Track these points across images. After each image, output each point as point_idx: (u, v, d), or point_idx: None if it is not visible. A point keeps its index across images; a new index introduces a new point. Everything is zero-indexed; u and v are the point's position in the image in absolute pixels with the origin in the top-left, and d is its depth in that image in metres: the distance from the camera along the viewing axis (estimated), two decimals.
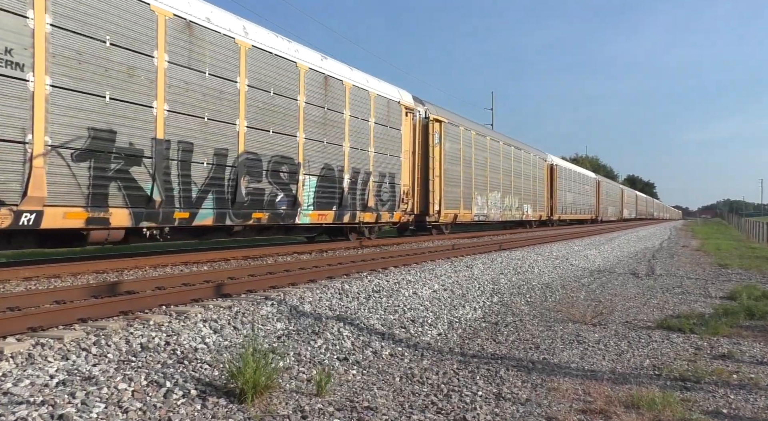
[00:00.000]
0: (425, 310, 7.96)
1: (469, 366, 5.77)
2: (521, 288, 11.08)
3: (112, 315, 5.66)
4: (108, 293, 6.61)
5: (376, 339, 6.34)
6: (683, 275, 14.67)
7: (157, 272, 9.08)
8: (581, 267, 15.73)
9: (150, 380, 4.07)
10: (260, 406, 4.13)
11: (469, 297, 9.31)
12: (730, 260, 18.56)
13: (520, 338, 7.11)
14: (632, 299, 10.60)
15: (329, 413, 4.20)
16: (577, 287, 12.04)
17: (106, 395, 3.75)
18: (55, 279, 8.12)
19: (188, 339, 5.06)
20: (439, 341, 6.85)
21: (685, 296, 11.08)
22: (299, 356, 5.30)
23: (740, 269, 16.06)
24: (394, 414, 4.29)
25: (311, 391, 4.57)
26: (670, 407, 4.50)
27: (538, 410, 4.54)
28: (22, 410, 3.37)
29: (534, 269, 13.29)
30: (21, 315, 5.01)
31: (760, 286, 11.99)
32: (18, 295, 6.06)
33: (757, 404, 4.85)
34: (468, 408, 4.51)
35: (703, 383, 5.35)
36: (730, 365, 6.02)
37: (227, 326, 5.59)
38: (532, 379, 5.38)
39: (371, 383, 5.04)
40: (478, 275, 10.91)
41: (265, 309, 6.24)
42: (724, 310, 8.97)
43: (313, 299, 7.00)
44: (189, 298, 6.56)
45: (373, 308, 7.36)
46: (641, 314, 9.05)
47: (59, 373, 3.94)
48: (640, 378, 5.49)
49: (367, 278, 8.66)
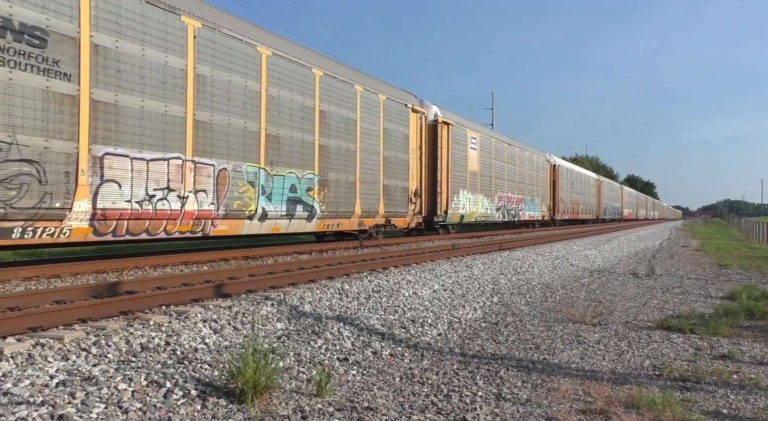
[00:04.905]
0: (425, 310, 7.96)
1: (469, 366, 5.77)
2: (521, 288, 11.08)
3: (112, 315, 5.66)
4: (108, 293, 6.61)
5: (376, 339, 6.34)
6: (683, 275, 14.67)
7: (157, 272, 9.08)
8: (581, 267, 15.73)
9: (150, 380, 4.07)
10: (260, 406, 4.13)
11: (469, 297, 9.31)
12: (730, 260, 18.55)
13: (520, 338, 7.11)
14: (632, 299, 10.60)
15: (329, 413, 4.19)
16: (577, 287, 12.03)
17: (106, 395, 3.75)
18: (55, 279, 8.12)
19: (188, 339, 5.06)
20: (439, 341, 6.85)
21: (685, 296, 11.07)
22: (299, 356, 5.30)
23: (740, 269, 16.06)
24: (394, 414, 4.29)
25: (311, 391, 4.57)
26: (671, 407, 4.49)
27: (538, 410, 4.54)
28: (22, 410, 3.36)
29: (534, 269, 13.29)
30: (21, 315, 5.01)
31: (760, 286, 11.98)
32: (18, 295, 6.06)
33: (758, 404, 4.85)
34: (468, 408, 4.50)
35: (703, 384, 5.35)
36: (730, 366, 6.01)
37: (227, 326, 5.59)
38: (532, 379, 5.37)
39: (371, 384, 5.04)
40: (478, 275, 10.91)
41: (265, 309, 6.24)
42: (724, 310, 8.96)
43: (313, 299, 7.00)
44: (189, 298, 6.56)
45: (373, 308, 7.36)
46: (641, 314, 9.05)
47: (59, 373, 3.94)
48: (640, 378, 5.49)
49: (367, 278, 8.66)
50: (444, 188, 18.97)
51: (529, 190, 29.19)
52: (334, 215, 13.13)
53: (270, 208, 11.08)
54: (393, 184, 15.70)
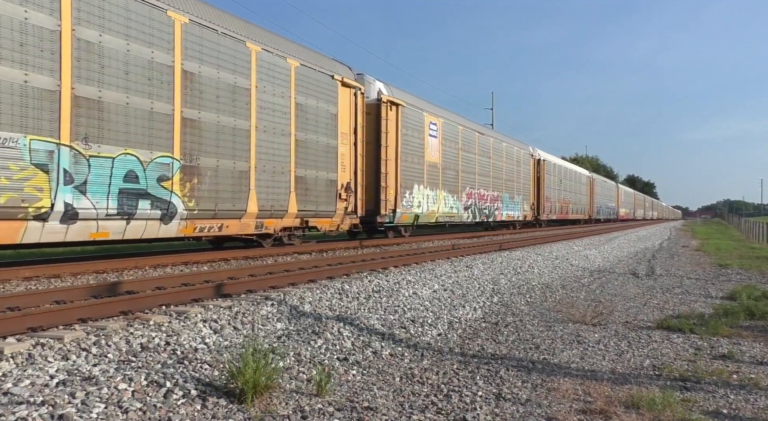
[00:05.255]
0: (425, 310, 7.96)
1: (469, 366, 5.77)
2: (521, 288, 11.08)
3: (112, 315, 5.66)
4: (108, 293, 6.61)
5: (376, 339, 6.34)
6: (683, 275, 14.67)
7: (157, 272, 9.08)
8: (581, 267, 15.73)
9: (150, 380, 4.07)
10: (260, 406, 4.13)
11: (469, 297, 9.31)
12: (730, 260, 18.55)
13: (520, 338, 7.11)
14: (632, 299, 10.60)
15: (329, 413, 4.19)
16: (577, 287, 12.04)
17: (106, 395, 3.75)
18: (55, 279, 8.12)
19: (188, 339, 5.06)
20: (439, 341, 6.85)
21: (685, 296, 11.07)
22: (299, 356, 5.30)
23: (740, 269, 16.06)
24: (394, 414, 4.29)
25: (311, 391, 4.57)
26: (671, 407, 4.50)
27: (538, 410, 4.54)
28: (22, 410, 3.37)
29: (534, 269, 13.29)
30: (21, 315, 5.01)
31: (760, 286, 11.98)
32: (18, 295, 6.06)
33: (758, 404, 4.85)
34: (468, 408, 4.51)
35: (703, 384, 5.35)
36: (730, 366, 6.01)
37: (227, 326, 5.59)
38: (532, 379, 5.38)
39: (371, 383, 5.04)
40: (478, 275, 10.91)
41: (265, 309, 6.24)
42: (724, 310, 8.97)
43: (313, 299, 7.00)
44: (189, 298, 6.56)
45: (373, 308, 7.36)
46: (641, 314, 9.05)
47: (59, 373, 3.94)
48: (640, 378, 5.49)
49: (367, 278, 8.66)
50: (390, 182, 15.85)
51: (508, 187, 26.36)
52: (211, 215, 10.04)
53: (84, 204, 7.91)
54: (312, 176, 12.46)
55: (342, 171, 13.57)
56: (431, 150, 18.50)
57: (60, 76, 7.61)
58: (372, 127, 15.26)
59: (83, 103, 7.92)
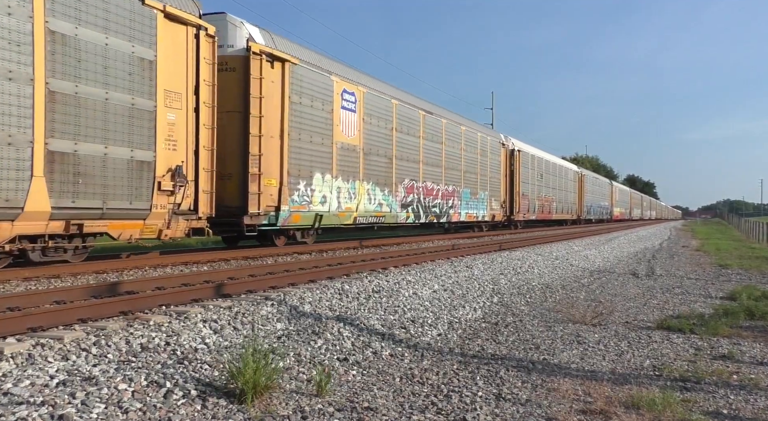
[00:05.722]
0: (425, 310, 7.96)
1: (469, 367, 5.77)
2: (521, 288, 11.08)
3: (112, 315, 5.66)
4: (108, 293, 6.61)
5: (376, 339, 6.34)
6: (683, 276, 14.67)
7: (157, 272, 9.08)
8: (581, 267, 15.73)
9: (150, 380, 4.07)
10: (260, 406, 4.13)
11: (469, 297, 9.31)
12: (730, 260, 18.55)
13: (520, 339, 7.11)
14: (632, 299, 10.60)
15: (329, 413, 4.19)
16: (577, 288, 12.03)
17: (106, 395, 3.75)
18: (55, 279, 8.12)
19: (188, 339, 5.06)
20: (439, 342, 6.85)
21: (685, 297, 11.07)
22: (299, 357, 5.30)
23: (740, 269, 16.06)
24: (394, 414, 4.29)
25: (311, 391, 4.57)
26: (671, 407, 4.50)
27: (538, 410, 4.54)
28: (22, 410, 3.37)
29: (534, 270, 13.29)
30: (21, 315, 5.01)
31: (760, 286, 11.98)
32: (18, 295, 6.06)
33: (758, 404, 4.85)
34: (468, 409, 4.51)
35: (703, 384, 5.35)
36: (730, 366, 6.01)
37: (227, 326, 5.59)
38: (532, 379, 5.38)
39: (371, 384, 5.04)
40: (478, 276, 10.91)
41: (265, 309, 6.24)
42: (724, 310, 8.96)
43: (313, 300, 7.00)
44: (189, 298, 6.56)
45: (373, 309, 7.36)
46: (641, 314, 9.05)
47: (59, 373, 3.94)
48: (641, 379, 5.49)
49: (367, 279, 8.66)
50: (270, 169, 11.52)
51: (469, 180, 21.98)
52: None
53: None
54: (94, 153, 8.18)
55: (167, 149, 9.29)
56: (346, 128, 14.09)
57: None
58: (236, 89, 11.15)
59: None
